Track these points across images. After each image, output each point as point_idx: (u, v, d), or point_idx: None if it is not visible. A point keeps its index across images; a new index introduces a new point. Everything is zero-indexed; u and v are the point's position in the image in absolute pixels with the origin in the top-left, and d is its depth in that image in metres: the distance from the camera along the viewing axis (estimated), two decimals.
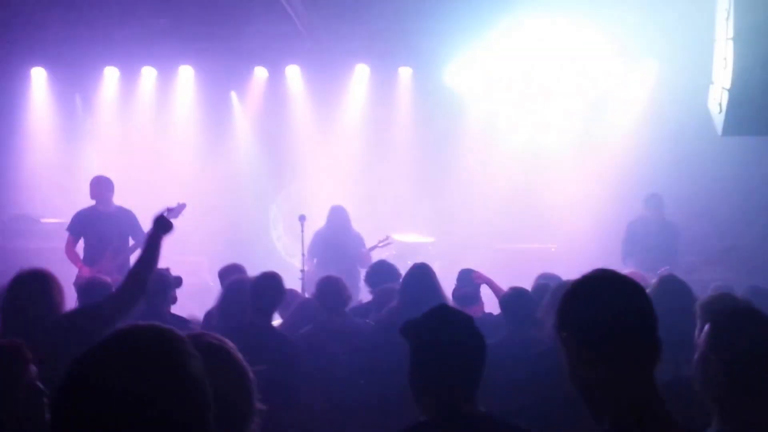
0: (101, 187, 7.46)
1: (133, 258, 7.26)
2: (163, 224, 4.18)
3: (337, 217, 8.35)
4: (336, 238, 8.13)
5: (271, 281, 4.65)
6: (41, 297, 3.73)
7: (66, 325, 3.71)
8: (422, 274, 4.82)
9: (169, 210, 7.29)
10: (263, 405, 2.06)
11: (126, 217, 7.46)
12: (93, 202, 7.49)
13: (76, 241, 7.44)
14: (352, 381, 4.26)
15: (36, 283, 3.77)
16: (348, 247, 8.15)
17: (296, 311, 5.33)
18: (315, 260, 8.31)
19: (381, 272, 5.71)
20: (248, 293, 4.66)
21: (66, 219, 7.89)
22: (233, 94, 10.95)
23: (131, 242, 7.42)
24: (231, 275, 5.45)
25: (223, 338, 2.11)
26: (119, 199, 7.78)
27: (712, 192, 9.25)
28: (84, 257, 7.39)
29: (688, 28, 8.42)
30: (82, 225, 7.43)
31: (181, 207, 7.26)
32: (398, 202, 10.45)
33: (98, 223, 7.34)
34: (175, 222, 8.32)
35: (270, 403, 2.07)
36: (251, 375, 2.06)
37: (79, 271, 7.13)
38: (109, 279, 5.42)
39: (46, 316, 3.70)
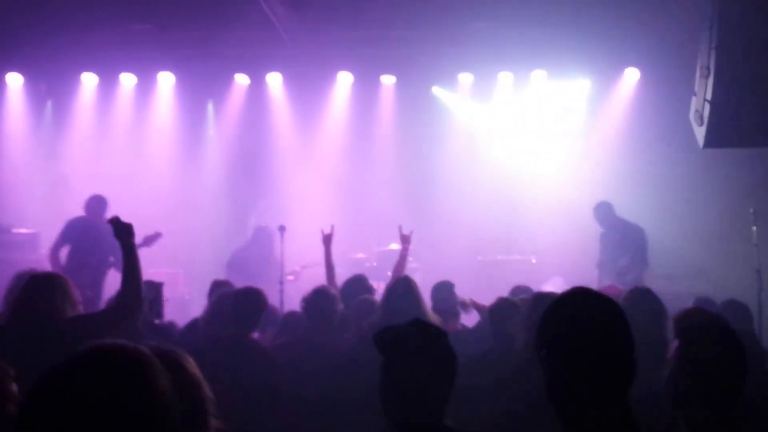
0: (99, 205, 7.82)
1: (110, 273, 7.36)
2: (122, 230, 4.20)
3: (257, 237, 8.87)
4: (254, 256, 8.49)
5: (253, 297, 4.61)
6: (48, 300, 3.92)
7: (67, 330, 3.82)
8: (405, 287, 4.75)
9: (146, 238, 7.50)
10: (221, 419, 2.09)
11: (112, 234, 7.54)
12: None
13: (60, 247, 7.63)
14: (327, 398, 4.16)
15: (43, 287, 3.98)
16: (266, 265, 8.43)
17: (283, 325, 5.23)
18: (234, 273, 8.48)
19: (354, 287, 5.62)
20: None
21: (38, 229, 7.83)
22: (210, 106, 10.83)
23: (111, 259, 7.65)
24: (220, 289, 5.46)
25: (180, 351, 2.14)
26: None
27: (693, 203, 9.27)
28: (65, 265, 7.54)
29: (670, 37, 8.45)
30: (72, 232, 7.68)
31: (156, 236, 7.45)
32: (379, 211, 10.38)
33: (86, 233, 7.61)
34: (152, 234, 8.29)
35: (244, 416, 2.09)
36: (206, 389, 2.08)
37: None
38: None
39: (50, 318, 3.88)
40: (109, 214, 7.56)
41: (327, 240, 6.34)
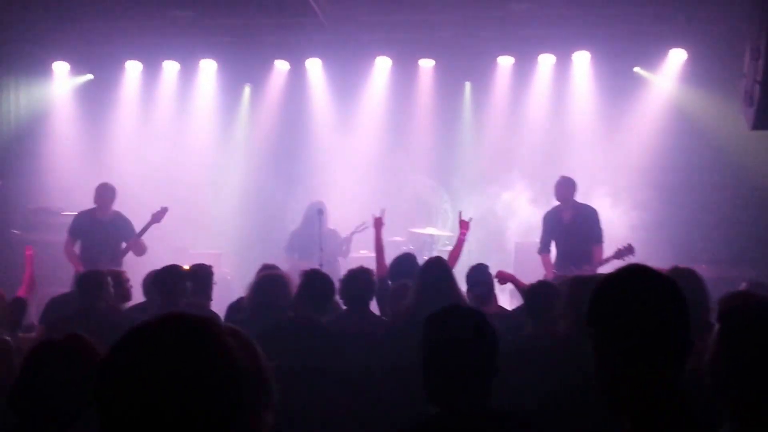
0: (106, 193, 7.87)
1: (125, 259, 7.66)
2: None
3: (310, 212, 8.68)
4: (311, 234, 8.33)
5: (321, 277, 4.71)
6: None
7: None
8: (437, 269, 4.69)
9: (154, 215, 7.71)
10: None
11: (122, 224, 7.87)
12: (91, 206, 7.92)
13: (74, 243, 7.81)
14: (364, 379, 4.17)
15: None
16: (328, 241, 8.34)
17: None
18: (296, 256, 8.67)
19: (402, 265, 5.59)
20: (282, 288, 4.80)
21: None
22: (247, 89, 10.93)
23: (124, 245, 7.80)
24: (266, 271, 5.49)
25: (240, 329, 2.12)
26: (140, 193, 8.35)
27: (742, 188, 9.05)
28: (80, 258, 7.72)
29: (719, 17, 8.25)
30: (81, 228, 7.83)
31: (163, 211, 7.71)
32: (417, 196, 10.38)
33: (96, 228, 7.75)
34: (194, 215, 8.44)
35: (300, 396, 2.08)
36: (269, 368, 2.06)
37: (77, 273, 7.35)
38: None
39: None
40: (117, 203, 7.91)
41: (378, 224, 6.42)
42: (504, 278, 5.59)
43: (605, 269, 7.11)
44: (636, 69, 9.93)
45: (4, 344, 3.45)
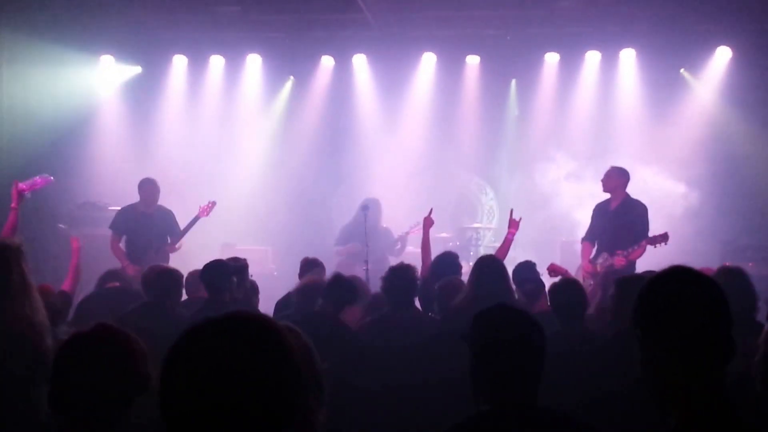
0: (151, 189, 7.85)
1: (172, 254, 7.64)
2: None
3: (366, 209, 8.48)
4: (359, 230, 8.24)
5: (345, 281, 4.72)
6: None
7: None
8: (492, 267, 4.69)
9: (201, 209, 7.71)
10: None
11: (165, 217, 7.87)
12: (135, 200, 7.94)
13: (119, 238, 7.85)
14: (412, 378, 4.12)
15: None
16: (377, 238, 8.30)
17: (370, 305, 5.22)
18: (344, 250, 8.69)
19: (444, 262, 5.60)
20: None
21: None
22: (289, 83, 10.96)
23: (169, 240, 7.81)
24: (311, 268, 5.64)
25: (294, 326, 2.15)
26: (187, 187, 8.44)
27: None
28: (126, 254, 7.75)
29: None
30: (124, 223, 7.85)
31: (211, 205, 7.73)
32: (463, 192, 10.32)
33: (140, 223, 7.76)
34: (241, 211, 8.39)
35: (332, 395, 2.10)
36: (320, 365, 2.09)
37: (124, 269, 7.44)
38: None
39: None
40: (161, 198, 7.89)
41: (427, 223, 6.43)
42: (556, 272, 5.59)
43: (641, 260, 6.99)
44: (682, 71, 9.78)
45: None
